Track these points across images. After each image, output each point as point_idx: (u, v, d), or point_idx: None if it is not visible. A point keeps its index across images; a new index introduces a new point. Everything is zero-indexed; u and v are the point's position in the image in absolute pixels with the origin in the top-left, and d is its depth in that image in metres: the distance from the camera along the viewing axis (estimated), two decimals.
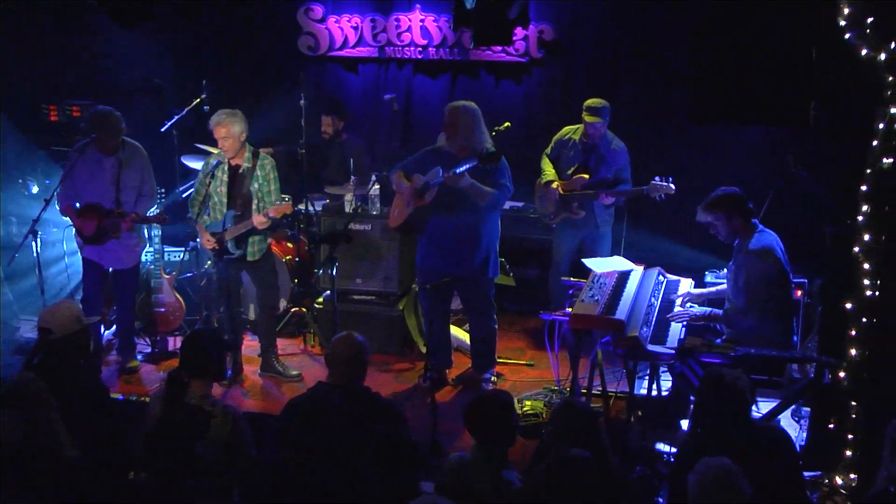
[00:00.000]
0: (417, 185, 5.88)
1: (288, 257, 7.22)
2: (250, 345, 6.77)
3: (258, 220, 5.95)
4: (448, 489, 3.74)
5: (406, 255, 6.70)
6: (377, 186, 6.95)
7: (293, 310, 7.14)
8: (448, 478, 3.80)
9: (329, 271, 6.18)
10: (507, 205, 6.84)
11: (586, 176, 6.71)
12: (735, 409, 3.94)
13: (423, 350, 6.49)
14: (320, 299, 7.00)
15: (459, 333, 6.83)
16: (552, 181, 6.79)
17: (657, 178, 6.43)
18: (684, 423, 5.46)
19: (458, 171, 5.62)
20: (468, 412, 3.99)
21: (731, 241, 5.35)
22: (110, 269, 6.37)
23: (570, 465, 3.46)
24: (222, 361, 4.57)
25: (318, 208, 7.24)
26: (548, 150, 6.94)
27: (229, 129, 5.95)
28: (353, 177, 7.09)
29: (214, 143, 6.13)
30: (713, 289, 5.77)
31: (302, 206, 7.28)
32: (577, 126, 6.79)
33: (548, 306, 6.73)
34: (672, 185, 6.36)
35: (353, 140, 7.69)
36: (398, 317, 6.78)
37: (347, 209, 6.96)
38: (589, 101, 6.62)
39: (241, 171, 6.07)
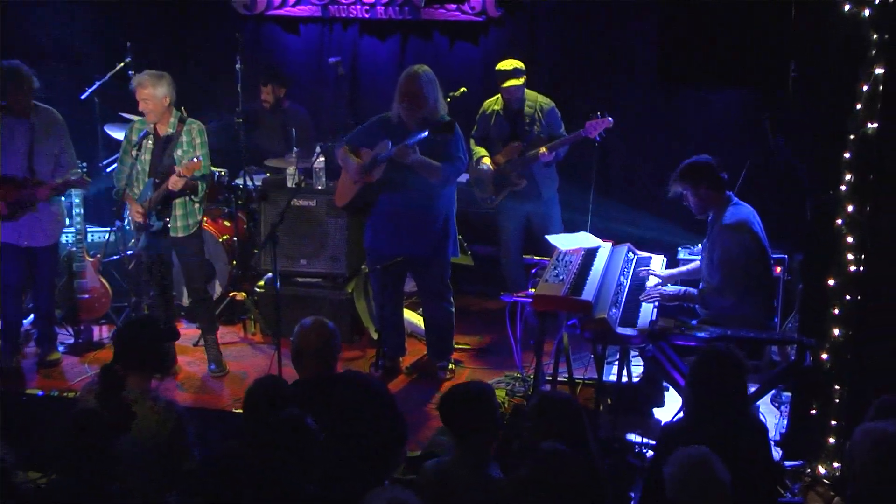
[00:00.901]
0: (364, 162, 5.83)
1: (225, 237, 7.13)
2: (185, 333, 6.67)
3: (172, 180, 5.82)
4: (429, 499, 3.67)
5: (355, 233, 6.64)
6: (322, 159, 6.84)
7: (231, 294, 7.05)
8: (428, 487, 3.74)
9: (270, 251, 6.03)
10: (464, 177, 6.84)
11: (518, 143, 6.71)
12: (735, 389, 3.96)
13: (374, 336, 6.48)
14: (261, 282, 6.94)
15: (413, 318, 6.82)
16: (481, 157, 6.79)
17: (593, 117, 6.38)
18: (657, 411, 5.51)
19: (408, 144, 5.57)
20: (446, 405, 3.90)
21: (703, 215, 5.34)
22: (25, 245, 6.12)
23: (553, 461, 3.43)
24: (162, 352, 4.48)
25: (258, 183, 7.16)
26: (473, 131, 6.92)
27: (151, 90, 5.84)
28: (295, 148, 7.00)
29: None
30: (686, 267, 5.77)
31: (240, 181, 7.19)
32: (496, 97, 6.81)
33: (507, 288, 6.72)
34: (609, 119, 6.33)
35: (295, 109, 7.61)
36: (346, 301, 6.74)
37: (290, 183, 6.87)
38: (499, 66, 6.65)
39: (165, 137, 5.95)
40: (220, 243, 7.03)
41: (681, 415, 4.73)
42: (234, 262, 7.13)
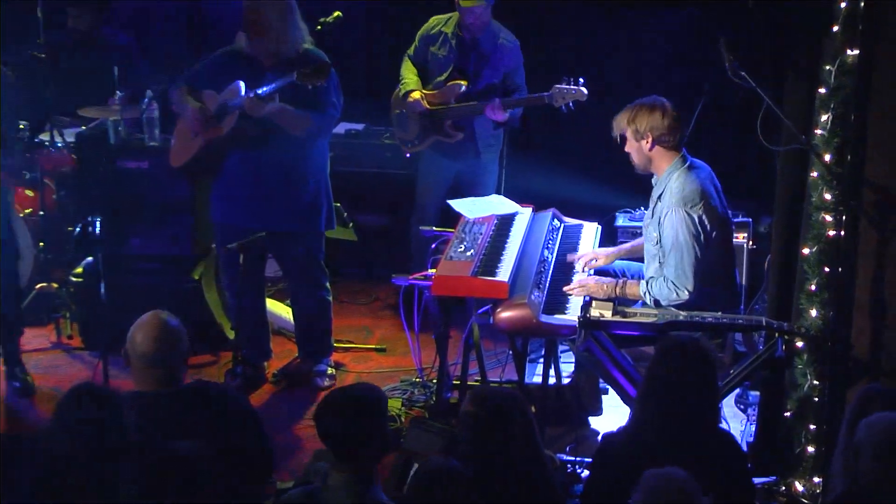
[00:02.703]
0: (210, 110, 5.77)
1: (28, 211, 7.00)
2: None
3: None
4: None
5: (203, 204, 6.50)
6: (155, 106, 6.70)
7: (39, 286, 6.91)
8: None
9: (90, 229, 5.95)
10: (342, 127, 7.01)
11: (464, 83, 6.74)
12: (704, 390, 4.00)
13: (230, 335, 6.44)
14: (78, 269, 6.79)
15: (280, 310, 6.82)
16: (413, 91, 6.80)
17: (564, 81, 6.45)
18: (594, 421, 5.55)
19: (261, 93, 5.51)
20: (322, 414, 3.90)
21: (645, 172, 5.38)
22: None
23: (439, 480, 3.46)
24: None
25: (70, 139, 7.01)
26: (410, 51, 6.96)
27: None
28: (118, 92, 6.83)
29: None
30: (628, 245, 5.82)
31: (45, 137, 7.03)
32: (450, 15, 6.82)
33: (405, 267, 6.64)
34: (583, 90, 6.44)
35: (116, 38, 7.49)
36: (193, 290, 6.69)
37: (112, 140, 6.70)
38: None
39: None
40: (22, 219, 6.81)
41: (628, 423, 4.64)
42: (42, 244, 7.01)
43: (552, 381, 5.79)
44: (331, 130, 6.00)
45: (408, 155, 7.11)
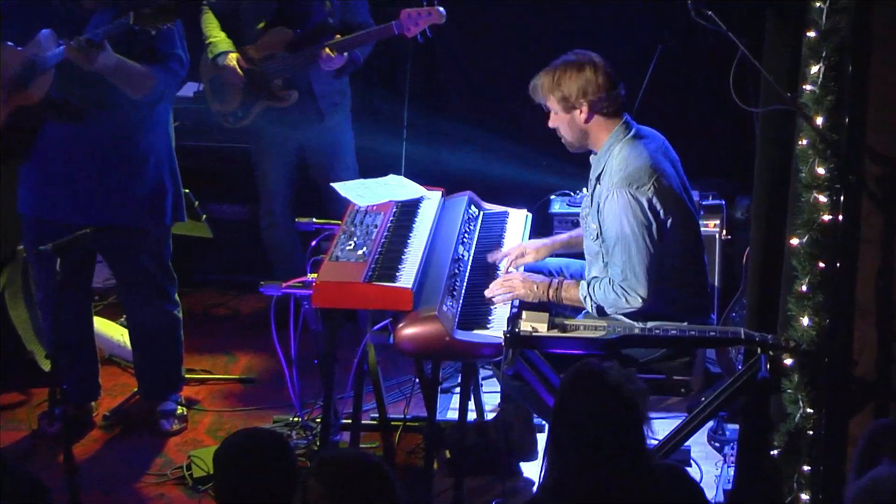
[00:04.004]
0: (13, 69, 5.64)
1: None
2: None
3: None
4: None
5: (6, 193, 6.41)
6: None
7: None
8: None
9: None
10: (189, 89, 7.11)
11: (289, 30, 6.79)
12: (625, 435, 3.84)
13: (45, 366, 6.44)
14: None
15: (112, 332, 6.79)
16: (225, 53, 6.81)
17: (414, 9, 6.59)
18: (526, 467, 5.60)
19: (92, 39, 5.41)
20: (221, 468, 3.91)
21: (580, 150, 5.40)
22: None
23: None
24: None
25: None
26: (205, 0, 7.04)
27: None
28: None
29: None
30: (565, 236, 5.81)
31: None
32: None
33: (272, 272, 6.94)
34: (440, 9, 6.53)
35: None
36: None
37: None
38: None
39: None
40: None
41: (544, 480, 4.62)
42: None
43: (472, 416, 5.81)
44: (176, 91, 5.97)
45: (235, 126, 7.05)
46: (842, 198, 4.68)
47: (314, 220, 5.94)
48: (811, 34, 4.69)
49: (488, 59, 7.78)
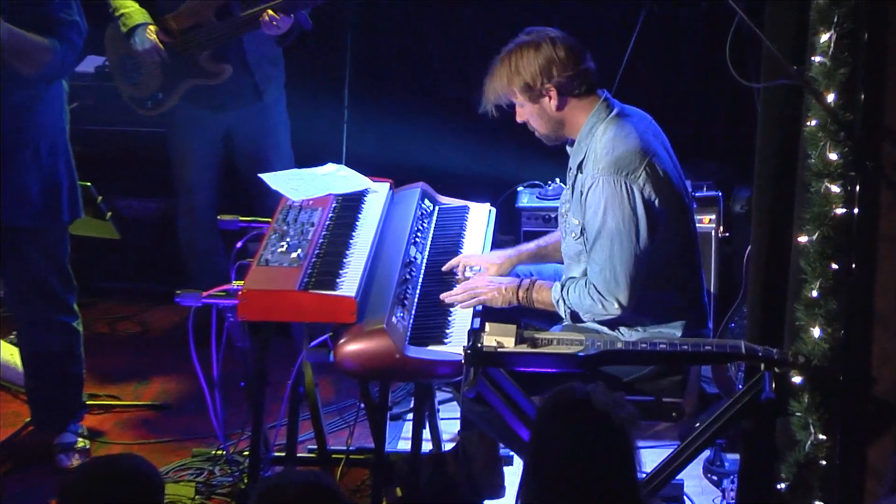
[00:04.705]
0: None
1: None
2: None
3: None
4: None
5: None
6: None
7: None
8: None
9: None
10: (89, 64, 7.19)
11: None
12: (614, 470, 3.88)
13: None
14: None
15: (2, 352, 6.83)
16: (143, 25, 6.84)
17: None
18: None
19: None
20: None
21: (557, 142, 5.44)
22: None
23: None
24: None
25: None
26: None
27: None
28: None
29: None
30: (532, 245, 5.81)
31: None
32: None
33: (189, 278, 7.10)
34: None
35: None
36: None
37: None
38: None
39: None
40: None
41: None
42: None
43: (427, 447, 5.74)
44: (73, 67, 6.02)
45: (150, 113, 7.08)
46: (857, 187, 4.64)
47: (239, 217, 5.89)
48: None
49: (444, 25, 7.89)
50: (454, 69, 7.68)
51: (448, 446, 5.90)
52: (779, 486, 4.92)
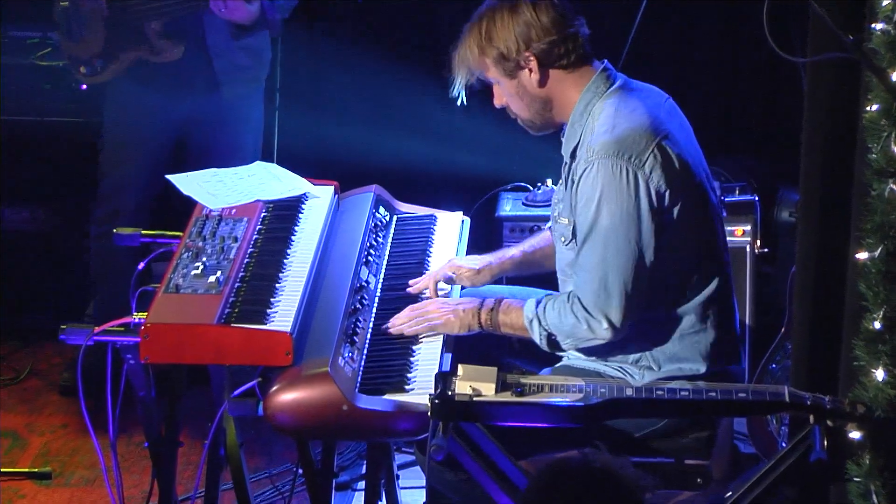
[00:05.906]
0: None
1: None
2: None
3: None
4: None
5: None
6: None
7: None
8: None
9: None
10: None
11: None
12: None
13: None
14: None
15: None
16: None
17: None
18: None
19: None
20: None
21: (545, 130, 5.55)
22: None
23: None
24: None
25: None
26: None
27: None
28: None
29: None
30: (517, 251, 5.95)
31: None
32: None
33: (88, 309, 7.41)
34: None
35: None
36: None
37: None
38: None
39: None
40: None
41: None
42: None
43: None
44: None
45: (83, 87, 7.38)
46: None
47: (142, 231, 5.91)
48: None
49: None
50: (418, 38, 7.77)
51: None
52: None
